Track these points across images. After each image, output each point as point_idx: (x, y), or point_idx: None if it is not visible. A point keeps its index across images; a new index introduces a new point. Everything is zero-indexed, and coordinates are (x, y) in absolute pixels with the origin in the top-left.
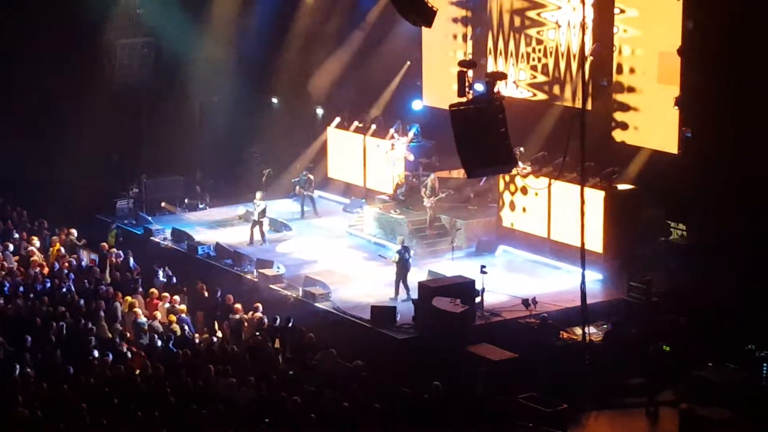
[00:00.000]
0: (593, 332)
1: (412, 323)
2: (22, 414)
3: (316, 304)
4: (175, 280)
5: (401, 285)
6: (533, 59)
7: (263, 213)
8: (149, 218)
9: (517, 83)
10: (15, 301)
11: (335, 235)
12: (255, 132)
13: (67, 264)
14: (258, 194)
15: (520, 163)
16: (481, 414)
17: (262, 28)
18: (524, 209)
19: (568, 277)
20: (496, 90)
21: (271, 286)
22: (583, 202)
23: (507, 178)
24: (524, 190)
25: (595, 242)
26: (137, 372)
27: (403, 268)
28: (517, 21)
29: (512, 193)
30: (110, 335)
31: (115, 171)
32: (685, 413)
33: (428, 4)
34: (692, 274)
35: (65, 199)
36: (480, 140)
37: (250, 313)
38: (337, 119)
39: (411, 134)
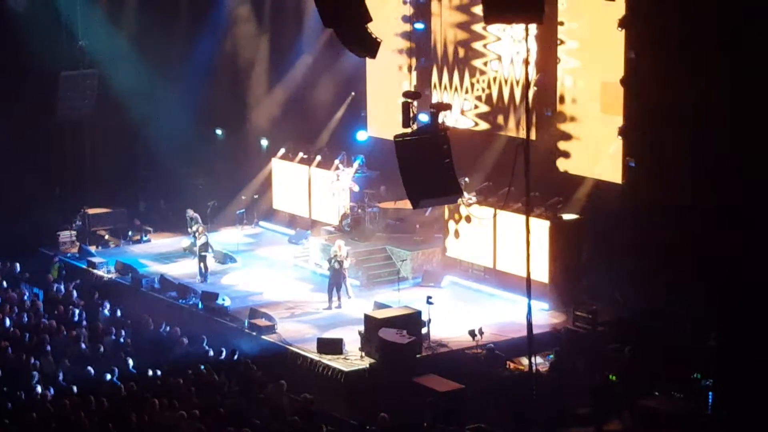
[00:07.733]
0: (539, 362)
1: (358, 355)
2: None
3: (262, 336)
4: (119, 313)
5: (334, 294)
6: (477, 90)
7: (205, 246)
8: (92, 251)
9: (462, 112)
10: None
11: (281, 266)
12: (199, 163)
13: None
14: (200, 228)
15: (465, 194)
16: None
17: (205, 58)
18: (469, 239)
19: (514, 307)
20: (440, 121)
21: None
22: (528, 232)
23: (452, 208)
24: (469, 220)
25: (541, 272)
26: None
27: (332, 277)
28: (462, 52)
29: (457, 223)
30: (54, 370)
31: (58, 204)
32: None
33: (372, 36)
34: (638, 304)
35: (7, 232)
36: (425, 171)
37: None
38: (282, 150)
39: (356, 165)
